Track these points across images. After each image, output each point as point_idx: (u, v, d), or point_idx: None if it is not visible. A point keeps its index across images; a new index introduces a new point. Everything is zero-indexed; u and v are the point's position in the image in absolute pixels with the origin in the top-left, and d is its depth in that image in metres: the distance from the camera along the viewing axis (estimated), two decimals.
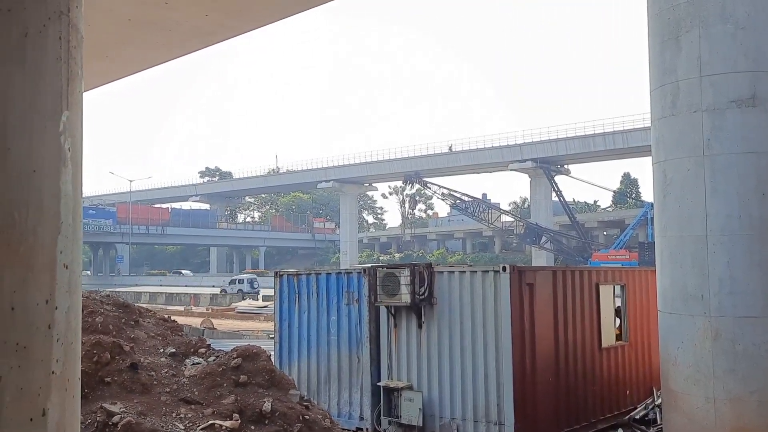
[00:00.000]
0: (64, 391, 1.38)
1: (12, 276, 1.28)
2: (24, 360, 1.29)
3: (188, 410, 5.68)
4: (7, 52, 1.30)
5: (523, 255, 74.27)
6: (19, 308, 1.29)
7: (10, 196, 1.28)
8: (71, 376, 1.42)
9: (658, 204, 8.78)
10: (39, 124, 1.37)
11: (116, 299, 7.49)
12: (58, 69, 1.42)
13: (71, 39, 1.45)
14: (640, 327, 12.25)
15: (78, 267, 1.47)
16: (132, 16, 6.44)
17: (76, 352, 1.46)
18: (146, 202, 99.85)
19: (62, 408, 1.36)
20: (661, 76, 8.64)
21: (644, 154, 59.42)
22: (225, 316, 33.96)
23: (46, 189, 1.37)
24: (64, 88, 1.43)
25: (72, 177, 1.46)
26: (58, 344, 1.38)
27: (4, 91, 1.30)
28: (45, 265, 1.35)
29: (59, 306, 1.39)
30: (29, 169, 1.34)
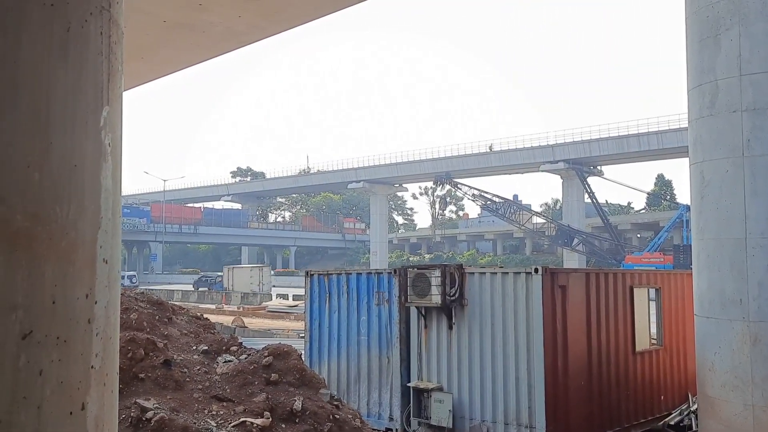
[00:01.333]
0: (103, 385, 1.38)
1: (53, 270, 1.30)
2: (64, 354, 1.30)
3: (220, 407, 5.72)
4: (50, 46, 1.31)
5: (555, 257, 73.49)
6: (60, 302, 1.31)
7: (52, 190, 1.29)
8: (110, 371, 1.43)
9: (696, 206, 8.60)
10: (80, 118, 1.39)
11: (150, 296, 7.60)
12: (99, 64, 1.43)
13: (112, 34, 1.46)
14: (676, 331, 12.02)
15: (117, 262, 1.49)
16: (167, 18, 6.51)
17: (114, 347, 1.47)
18: (179, 201, 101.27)
19: (101, 402, 1.37)
20: (699, 75, 8.47)
21: (679, 156, 58.41)
22: (256, 315, 34.25)
23: (87, 184, 1.38)
24: (105, 83, 1.44)
25: (112, 172, 1.48)
26: (98, 339, 1.39)
27: (46, 85, 1.31)
28: (85, 260, 1.36)
29: (99, 301, 1.40)
30: (71, 164, 1.35)
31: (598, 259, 61.31)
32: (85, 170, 1.38)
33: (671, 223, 56.97)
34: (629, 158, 64.75)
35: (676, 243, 58.17)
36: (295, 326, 27.10)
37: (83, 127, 1.39)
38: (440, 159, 73.19)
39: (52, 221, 1.29)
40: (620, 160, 65.29)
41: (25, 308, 1.24)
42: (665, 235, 57.70)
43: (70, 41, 1.35)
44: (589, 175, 64.09)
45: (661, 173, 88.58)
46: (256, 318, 32.64)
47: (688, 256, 43.94)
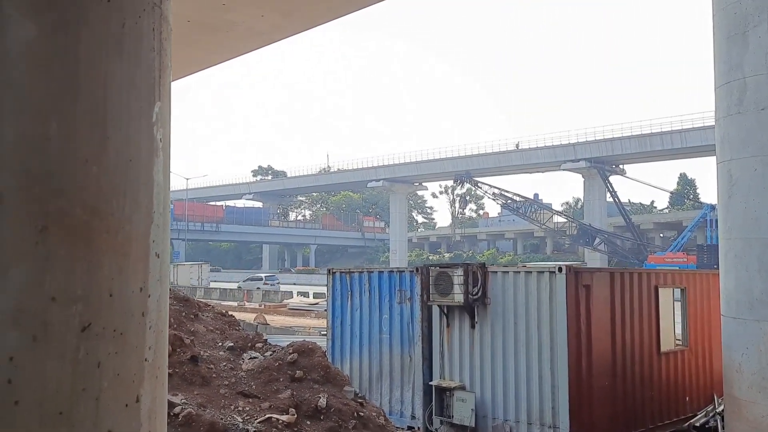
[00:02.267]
0: (155, 378, 1.41)
1: (110, 263, 1.32)
2: (120, 346, 1.33)
3: (246, 403, 5.77)
4: (107, 42, 1.34)
5: (576, 256, 72.93)
6: (116, 295, 1.33)
7: (109, 184, 1.31)
8: (161, 364, 1.45)
9: (723, 205, 8.49)
10: (135, 114, 1.41)
11: (177, 293, 7.67)
12: (151, 60, 1.45)
13: (162, 31, 1.48)
14: (701, 331, 11.87)
15: (167, 257, 1.51)
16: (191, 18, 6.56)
17: (165, 340, 1.49)
18: (202, 199, 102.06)
19: (153, 395, 1.39)
20: (726, 72, 8.35)
21: (703, 154, 57.70)
22: (277, 312, 34.42)
23: (141, 178, 1.40)
24: (157, 79, 1.46)
25: (163, 167, 1.50)
26: (151, 332, 1.41)
27: (104, 81, 1.33)
28: (140, 254, 1.38)
29: (152, 294, 1.42)
30: (126, 158, 1.37)
31: (620, 259, 60.75)
32: (140, 165, 1.40)
33: (695, 223, 56.27)
34: (652, 157, 64.06)
35: (699, 243, 57.43)
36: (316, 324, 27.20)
37: (137, 123, 1.41)
38: (460, 158, 72.96)
39: (109, 215, 1.31)
40: (643, 159, 64.63)
41: (85, 301, 1.26)
42: (689, 234, 57.00)
43: (125, 37, 1.37)
44: (611, 174, 63.50)
45: (684, 172, 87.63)
46: (277, 315, 32.81)
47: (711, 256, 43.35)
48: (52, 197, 1.22)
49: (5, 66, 1.18)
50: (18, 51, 1.19)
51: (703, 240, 56.53)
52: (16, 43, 1.19)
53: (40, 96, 1.22)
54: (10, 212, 1.18)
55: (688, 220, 63.79)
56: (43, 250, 1.21)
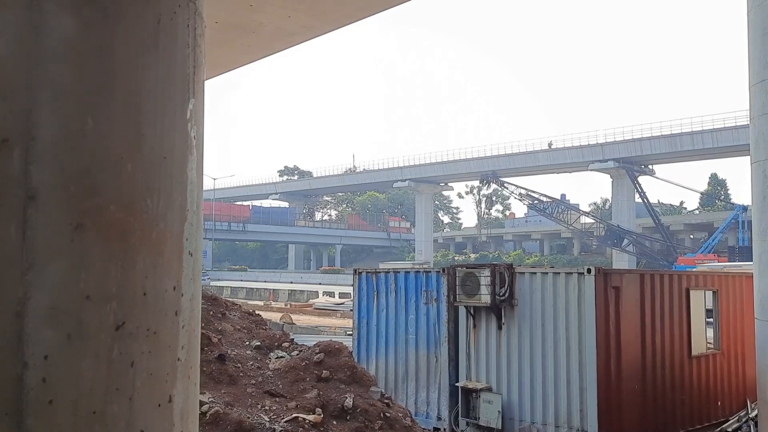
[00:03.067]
0: (188, 378, 1.39)
1: (144, 261, 1.31)
2: (154, 346, 1.32)
3: (273, 402, 5.78)
4: (143, 38, 1.33)
5: (604, 258, 72.08)
6: (150, 293, 1.32)
7: (144, 181, 1.31)
8: (194, 364, 1.44)
9: (758, 205, 8.31)
10: (170, 110, 1.40)
11: (205, 292, 7.72)
12: (186, 56, 1.44)
13: (197, 27, 1.47)
14: (734, 335, 11.63)
15: (200, 255, 1.50)
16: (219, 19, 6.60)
17: (197, 340, 1.48)
18: (228, 199, 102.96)
19: (186, 395, 1.38)
20: (762, 70, 8.17)
21: (735, 155, 56.58)
22: (303, 312, 34.58)
23: (176, 175, 1.39)
24: (191, 75, 1.45)
25: (196, 165, 1.49)
26: (184, 331, 1.39)
27: (139, 77, 1.33)
28: (173, 252, 1.37)
29: (185, 293, 1.41)
30: (160, 156, 1.36)
31: (649, 261, 59.90)
32: (174, 162, 1.39)
33: (726, 224, 55.26)
34: (682, 157, 63.04)
35: (731, 245, 56.40)
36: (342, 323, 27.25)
37: (172, 119, 1.40)
38: (486, 158, 72.59)
39: (144, 212, 1.30)
40: (672, 159, 63.64)
41: (119, 299, 1.26)
42: (720, 236, 55.99)
43: (160, 32, 1.36)
44: (640, 174, 62.65)
45: (714, 172, 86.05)
46: (303, 315, 32.95)
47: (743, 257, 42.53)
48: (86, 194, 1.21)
49: (43, 62, 1.18)
50: (55, 46, 1.19)
51: (734, 241, 55.50)
52: (53, 39, 1.18)
53: (76, 92, 1.22)
54: (45, 210, 1.17)
55: (719, 221, 62.66)
56: (78, 247, 1.20)
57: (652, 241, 63.08)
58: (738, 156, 55.39)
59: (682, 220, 78.68)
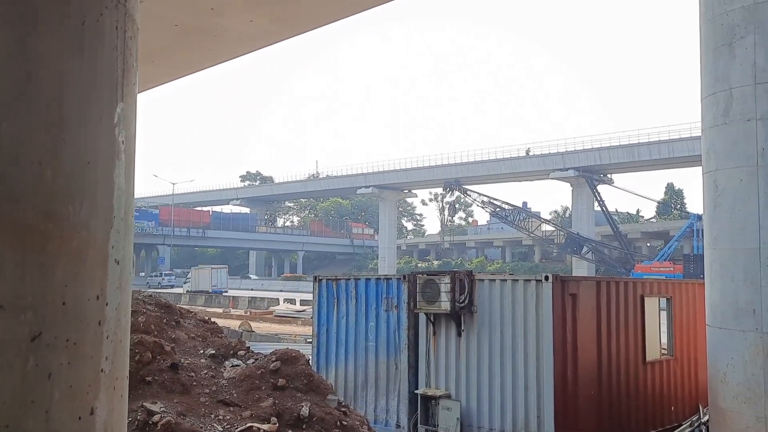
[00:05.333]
0: (113, 390, 1.35)
1: (65, 270, 1.26)
2: (74, 357, 1.27)
3: (227, 412, 5.69)
4: (66, 40, 1.29)
5: (564, 265, 73.17)
6: (70, 303, 1.27)
7: (64, 187, 1.26)
8: (120, 375, 1.39)
9: (708, 215, 8.52)
10: (95, 115, 1.35)
11: (158, 299, 7.58)
12: (114, 59, 1.40)
13: (127, 29, 1.43)
14: (687, 341, 11.90)
15: (129, 263, 1.45)
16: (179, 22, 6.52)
17: (125, 350, 1.43)
18: (188, 205, 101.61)
19: (110, 407, 1.33)
20: (713, 83, 8.39)
21: (690, 165, 58.09)
22: (263, 319, 34.25)
23: (100, 182, 1.35)
24: (120, 79, 1.41)
25: (125, 170, 1.44)
26: (108, 341, 1.35)
27: (61, 79, 1.28)
28: (97, 260, 1.33)
29: (110, 302, 1.36)
30: (84, 161, 1.32)
31: (608, 268, 61.01)
32: (98, 168, 1.35)
33: (681, 233, 56.66)
34: (639, 167, 64.49)
35: (686, 252, 57.79)
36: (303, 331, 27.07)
37: (97, 124, 1.36)
38: (449, 165, 73.12)
39: (64, 220, 1.26)
40: (630, 168, 65.04)
41: (35, 309, 1.21)
42: (675, 244, 57.38)
43: (85, 35, 1.31)
44: (599, 183, 63.87)
45: (671, 182, 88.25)
46: (263, 322, 32.63)
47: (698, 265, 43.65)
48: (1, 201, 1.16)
49: None
50: None
51: (689, 249, 56.89)
52: None
53: None
54: None
55: (675, 229, 64.21)
56: None
57: (611, 249, 64.32)
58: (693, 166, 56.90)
59: (640, 229, 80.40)
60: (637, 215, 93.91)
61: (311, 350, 12.08)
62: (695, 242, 52.03)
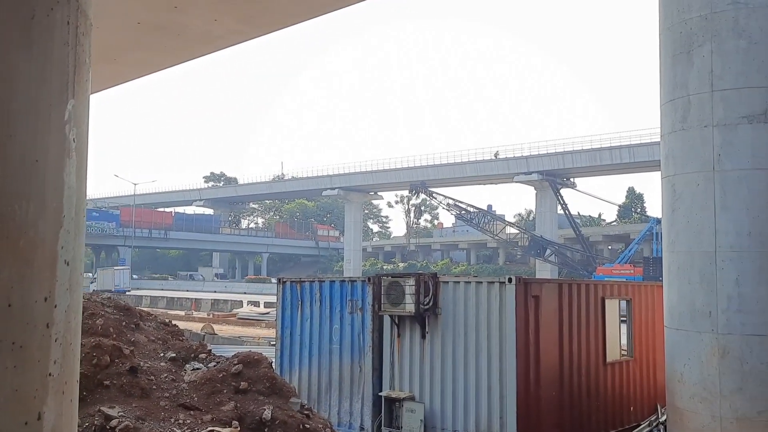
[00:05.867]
0: (62, 394, 1.31)
1: (10, 271, 1.22)
2: (20, 360, 1.23)
3: (187, 416, 5.60)
4: (13, 35, 1.24)
5: (527, 267, 74.04)
6: (16, 305, 1.23)
7: (10, 186, 1.22)
8: (69, 379, 1.35)
9: (667, 218, 8.69)
10: (44, 112, 1.31)
11: (117, 302, 7.44)
12: (65, 55, 1.36)
13: (79, 25, 1.39)
14: (646, 342, 12.13)
15: (80, 264, 1.41)
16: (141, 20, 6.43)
17: (75, 353, 1.39)
18: (150, 205, 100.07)
19: (59, 412, 1.29)
20: (672, 90, 8.58)
21: (650, 169, 59.38)
22: (226, 322, 33.89)
23: (49, 180, 1.31)
24: (71, 75, 1.37)
25: (76, 169, 1.40)
26: (57, 344, 1.31)
27: (8, 75, 1.24)
28: (45, 261, 1.29)
29: (59, 304, 1.32)
30: (32, 159, 1.28)
31: (570, 270, 61.90)
32: (48, 166, 1.31)
33: (641, 236, 57.76)
34: (601, 171, 65.68)
35: (645, 255, 58.94)
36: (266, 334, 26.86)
37: (46, 121, 1.31)
38: (416, 168, 73.42)
39: (10, 219, 1.22)
40: (593, 172, 66.20)
41: None
42: (635, 247, 58.49)
43: (34, 29, 1.27)
44: (562, 186, 64.84)
45: (632, 186, 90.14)
46: (226, 325, 32.29)
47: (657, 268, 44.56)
48: None
49: None
50: None
51: (649, 252, 58.03)
52: None
53: None
54: None
55: (635, 232, 65.48)
56: None
57: (573, 252, 65.30)
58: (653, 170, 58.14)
59: (601, 232, 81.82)
60: (599, 218, 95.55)
61: (275, 353, 11.98)
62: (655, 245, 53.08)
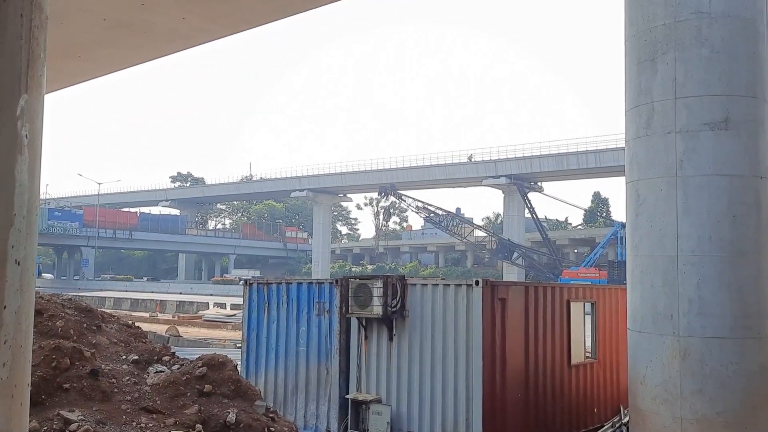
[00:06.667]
0: (11, 398, 1.26)
1: None
2: None
3: (149, 419, 5.51)
4: None
5: (495, 270, 74.65)
6: None
7: None
8: (19, 383, 1.30)
9: (631, 223, 8.83)
10: None
11: (78, 303, 7.28)
12: (17, 48, 1.31)
13: (34, 18, 1.35)
14: (610, 345, 12.31)
15: (32, 264, 1.36)
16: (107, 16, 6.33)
17: (26, 356, 1.34)
18: (114, 205, 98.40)
19: (8, 417, 1.25)
20: (636, 96, 8.72)
21: (616, 174, 60.37)
22: (192, 324, 33.51)
23: None
24: (24, 69, 1.32)
25: (29, 166, 1.35)
26: (6, 347, 1.26)
27: None
28: None
29: (8, 305, 1.28)
30: None
31: (537, 273, 62.58)
32: None
33: (606, 240, 58.70)
34: (568, 175, 66.57)
35: (610, 259, 59.89)
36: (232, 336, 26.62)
37: None
38: (385, 170, 73.50)
39: None
40: (560, 176, 67.06)
41: None
42: (600, 251, 59.40)
43: None
44: (530, 190, 65.54)
45: (597, 191, 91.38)
46: (191, 327, 31.92)
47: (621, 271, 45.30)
48: None
49: None
50: None
51: (614, 256, 58.98)
52: None
53: None
54: None
55: (600, 236, 66.51)
56: None
57: (540, 255, 66.08)
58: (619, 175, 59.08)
59: (567, 235, 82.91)
60: (565, 222, 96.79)
61: (241, 355, 11.86)
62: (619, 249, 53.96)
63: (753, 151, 8.09)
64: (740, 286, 7.87)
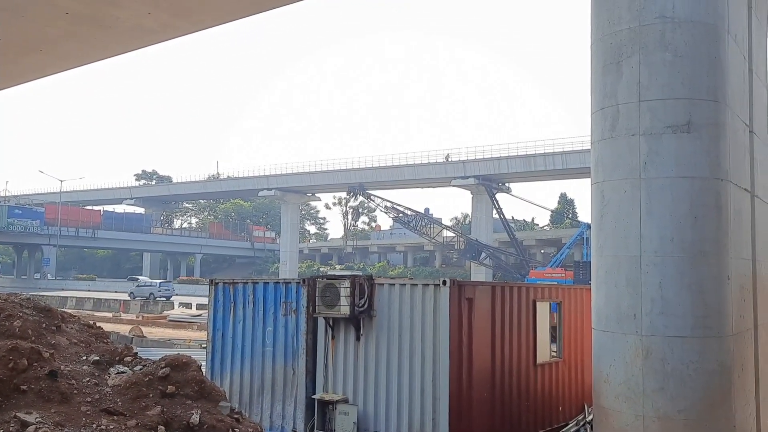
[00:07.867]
0: None
1: None
2: None
3: (110, 421, 5.39)
4: None
5: (463, 270, 75.10)
6: None
7: None
8: None
9: (596, 224, 8.93)
10: None
11: (37, 303, 7.09)
12: None
13: None
14: (575, 344, 12.45)
15: None
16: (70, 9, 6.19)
17: None
18: (77, 203, 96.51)
19: None
20: (602, 99, 8.82)
21: (582, 176, 61.26)
22: (156, 324, 33.00)
23: None
24: None
25: None
26: None
27: None
28: None
29: None
30: None
31: (504, 273, 63.12)
32: None
33: (572, 240, 59.42)
34: (535, 176, 67.34)
35: (576, 259, 60.66)
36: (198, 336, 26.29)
37: None
38: (353, 170, 73.44)
39: None
40: (527, 178, 67.80)
41: None
42: (566, 251, 60.11)
43: None
44: (498, 191, 66.12)
45: (564, 192, 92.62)
46: (156, 327, 31.44)
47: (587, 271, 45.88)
48: None
49: None
50: None
51: (579, 256, 59.73)
52: None
53: None
54: None
55: (566, 237, 67.37)
56: None
57: (507, 255, 66.70)
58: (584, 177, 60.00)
59: (534, 236, 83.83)
60: (532, 223, 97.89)
61: (206, 356, 11.71)
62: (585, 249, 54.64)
63: (714, 153, 8.24)
64: (701, 286, 8.01)
